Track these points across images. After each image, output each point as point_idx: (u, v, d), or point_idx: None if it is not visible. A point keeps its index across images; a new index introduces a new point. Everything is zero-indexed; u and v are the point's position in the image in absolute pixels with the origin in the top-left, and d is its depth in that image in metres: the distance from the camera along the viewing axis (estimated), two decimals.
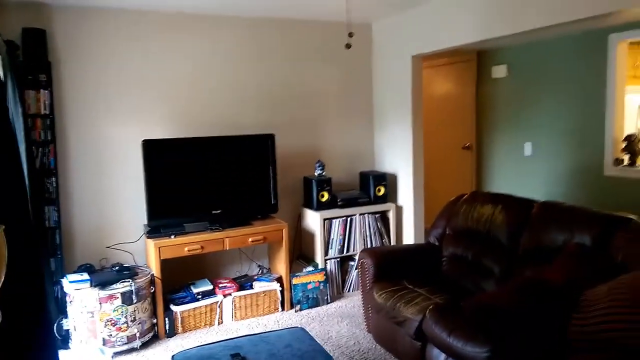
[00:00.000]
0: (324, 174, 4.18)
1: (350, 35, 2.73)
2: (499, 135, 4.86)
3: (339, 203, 4.15)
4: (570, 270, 2.29)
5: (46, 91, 3.28)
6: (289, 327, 2.52)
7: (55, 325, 3.15)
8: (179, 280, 3.73)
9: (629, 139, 3.66)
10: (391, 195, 4.46)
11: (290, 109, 4.27)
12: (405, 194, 4.37)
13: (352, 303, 3.93)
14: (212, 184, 3.68)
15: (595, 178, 3.87)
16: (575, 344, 1.96)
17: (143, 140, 3.41)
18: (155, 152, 3.45)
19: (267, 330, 2.50)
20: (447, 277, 3.21)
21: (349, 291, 4.19)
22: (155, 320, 3.36)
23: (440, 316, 2.56)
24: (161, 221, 3.50)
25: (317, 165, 4.18)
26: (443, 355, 2.53)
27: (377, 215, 4.27)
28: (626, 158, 3.68)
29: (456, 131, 5.51)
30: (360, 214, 4.19)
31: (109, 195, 3.64)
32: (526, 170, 4.50)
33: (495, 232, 3.03)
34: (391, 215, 4.33)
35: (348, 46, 2.60)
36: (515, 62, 4.73)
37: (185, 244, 3.43)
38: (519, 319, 2.22)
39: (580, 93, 4.04)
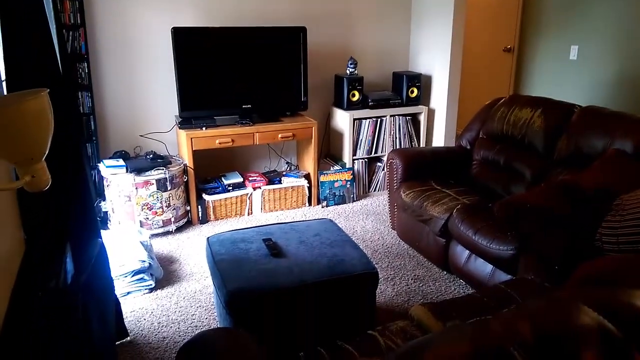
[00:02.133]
0: (356, 72, 4.05)
1: None
2: (543, 37, 4.57)
3: (369, 103, 4.07)
4: (607, 175, 2.24)
5: None
6: (318, 218, 2.60)
7: (95, 205, 3.32)
8: (210, 171, 3.83)
9: None
10: (424, 97, 4.34)
11: (324, 0, 4.05)
12: (439, 97, 4.24)
13: (377, 202, 4.01)
14: (243, 77, 3.62)
15: None
16: (605, 246, 1.97)
17: (173, 28, 3.32)
18: (186, 40, 3.37)
19: (296, 220, 2.59)
20: (477, 180, 3.21)
21: (375, 191, 4.25)
22: (188, 208, 3.51)
23: (467, 215, 2.59)
24: (193, 113, 3.52)
25: (350, 63, 4.04)
26: (467, 252, 2.61)
27: (408, 118, 4.19)
28: None
29: (498, 32, 5.19)
30: (391, 116, 4.12)
31: (141, 84, 3.63)
32: (570, 74, 4.28)
33: (531, 136, 2.95)
34: (422, 118, 4.25)
35: None
36: None
37: (216, 137, 3.46)
38: (547, 219, 2.23)
39: None
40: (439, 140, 4.32)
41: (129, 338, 2.33)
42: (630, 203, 1.92)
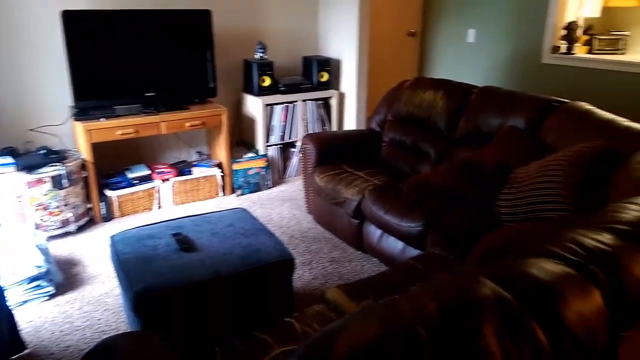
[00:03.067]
0: (265, 57, 3.98)
1: None
2: (443, 21, 4.77)
3: (280, 88, 4.02)
4: (503, 151, 2.39)
5: None
6: (231, 208, 2.53)
7: None
8: (113, 165, 3.58)
9: (569, 26, 3.70)
10: (335, 81, 4.37)
11: None
12: (349, 81, 4.29)
13: (293, 188, 4.00)
14: (144, 63, 3.41)
15: (533, 65, 3.95)
16: (503, 217, 2.10)
17: (62, 11, 3.03)
18: (78, 25, 3.09)
19: (208, 212, 2.50)
20: (387, 161, 3.29)
21: (290, 177, 4.24)
22: (90, 205, 3.26)
23: (378, 196, 2.65)
24: (89, 102, 3.25)
25: (258, 47, 3.95)
26: (379, 231, 2.67)
27: (319, 102, 4.20)
28: (564, 46, 3.75)
29: (402, 16, 5.34)
30: (303, 100, 4.10)
31: (28, 74, 3.29)
32: (468, 56, 4.52)
33: (435, 117, 3.07)
34: (334, 102, 4.28)
35: None
36: None
37: (117, 127, 3.24)
38: (450, 196, 2.34)
39: None
40: (350, 123, 4.38)
41: (27, 350, 2.13)
42: (523, 176, 2.06)
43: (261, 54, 3.96)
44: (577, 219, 1.27)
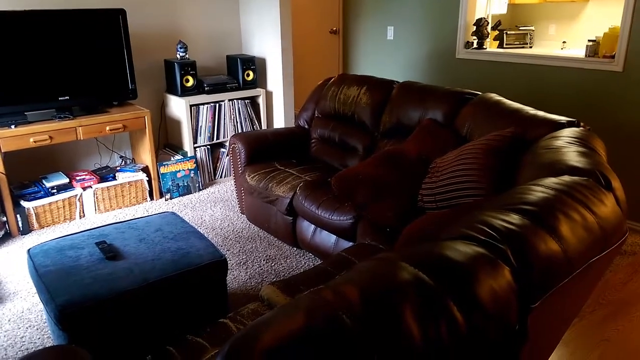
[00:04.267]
0: (187, 56, 3.89)
1: None
2: (364, 19, 4.90)
3: (205, 88, 3.95)
4: (424, 142, 2.51)
5: None
6: (159, 212, 2.46)
7: None
8: (27, 175, 3.36)
9: (479, 22, 3.93)
10: (260, 80, 4.36)
11: None
12: (275, 79, 4.30)
13: (224, 188, 3.95)
14: (57, 66, 3.22)
15: (448, 60, 4.16)
16: (426, 205, 2.21)
17: None
18: None
19: (134, 218, 2.42)
20: (316, 157, 3.34)
21: (221, 177, 4.18)
22: (4, 218, 3.04)
23: (310, 191, 2.69)
24: None
25: (179, 47, 3.86)
26: (312, 227, 2.71)
27: (247, 101, 4.18)
28: (475, 41, 3.98)
29: (324, 15, 5.42)
30: (230, 100, 4.06)
31: None
32: (389, 53, 4.67)
33: (359, 112, 3.16)
34: (261, 101, 4.27)
35: None
36: None
37: (30, 135, 3.04)
38: (378, 187, 2.42)
39: None
40: (279, 121, 4.39)
41: None
42: (443, 165, 2.18)
43: (182, 54, 3.87)
44: (488, 203, 1.37)
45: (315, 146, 3.39)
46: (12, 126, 3.01)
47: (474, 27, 3.98)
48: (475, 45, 4.01)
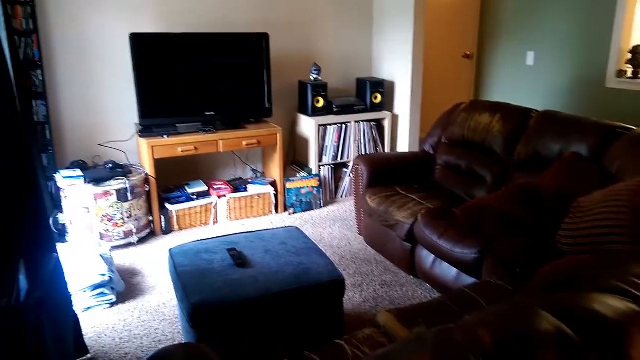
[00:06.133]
0: (319, 78, 4.06)
1: None
2: (501, 43, 4.70)
3: (334, 109, 4.08)
4: (565, 178, 2.31)
5: None
6: (284, 226, 2.58)
7: (52, 219, 3.19)
8: (173, 180, 3.75)
9: (635, 50, 3.55)
10: (388, 103, 4.39)
11: (286, 8, 4.04)
12: (403, 102, 4.29)
13: (344, 208, 4.01)
14: (205, 84, 3.57)
15: (596, 90, 3.80)
16: (564, 247, 2.02)
17: (131, 34, 3.24)
18: (145, 47, 3.30)
19: (262, 229, 2.55)
20: (440, 184, 3.25)
21: (341, 197, 4.26)
22: (151, 218, 3.42)
23: (432, 220, 2.62)
24: (153, 120, 3.44)
25: (313, 69, 4.04)
26: (432, 257, 2.63)
27: (372, 123, 4.22)
28: (629, 70, 3.60)
29: (457, 39, 5.31)
30: (356, 122, 4.14)
31: (99, 91, 3.52)
32: (527, 80, 4.41)
33: (491, 141, 3.01)
34: (387, 124, 4.29)
35: None
36: None
37: (178, 145, 3.39)
38: (508, 223, 2.27)
39: (588, 0, 3.85)
40: (403, 145, 4.36)
41: (89, 355, 2.24)
42: (587, 205, 1.98)
43: (316, 76, 4.04)
44: None
45: (439, 172, 3.31)
46: (165, 136, 3.39)
47: (629, 55, 3.60)
48: (629, 75, 3.62)
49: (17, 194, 1.79)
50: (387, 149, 4.35)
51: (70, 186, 3.08)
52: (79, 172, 3.17)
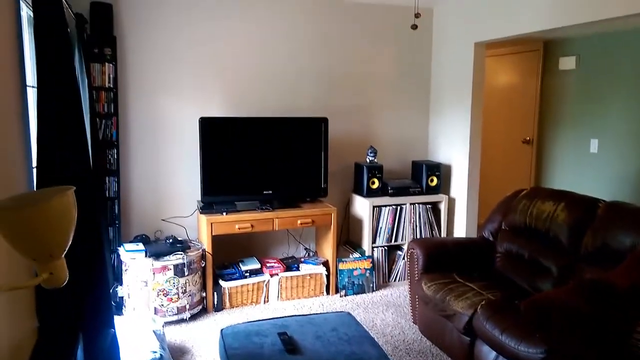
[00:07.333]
0: (375, 160, 4.12)
1: (417, 16, 2.65)
2: (562, 130, 4.62)
3: (389, 191, 4.08)
4: (639, 275, 2.14)
5: (111, 65, 3.38)
6: (336, 311, 2.51)
7: (111, 291, 3.29)
8: (228, 256, 3.80)
9: None
10: (444, 186, 4.35)
11: (345, 93, 4.22)
12: (459, 186, 4.24)
13: (398, 293, 3.88)
14: (265, 164, 3.71)
15: None
16: (638, 351, 1.84)
17: (200, 118, 3.47)
18: (212, 129, 3.51)
19: (313, 313, 2.50)
20: (501, 273, 3.10)
21: (395, 281, 4.14)
22: (204, 294, 3.44)
23: (493, 313, 2.47)
24: (214, 198, 3.57)
25: (369, 151, 4.12)
26: (493, 354, 2.45)
27: (428, 206, 4.17)
28: None
29: (516, 124, 5.29)
30: (411, 204, 4.11)
31: (166, 170, 3.74)
32: (591, 168, 4.27)
33: (555, 230, 2.88)
34: (443, 207, 4.22)
35: (414, 27, 2.51)
36: (585, 53, 4.46)
37: (236, 222, 3.48)
38: (578, 321, 2.11)
39: None
40: (460, 229, 4.25)
41: None
42: None
43: (372, 158, 4.11)
44: None
45: (500, 261, 3.17)
46: (224, 213, 3.49)
47: None
48: None
49: (84, 269, 1.88)
50: (443, 233, 4.25)
51: (132, 260, 3.19)
52: (141, 246, 3.30)
